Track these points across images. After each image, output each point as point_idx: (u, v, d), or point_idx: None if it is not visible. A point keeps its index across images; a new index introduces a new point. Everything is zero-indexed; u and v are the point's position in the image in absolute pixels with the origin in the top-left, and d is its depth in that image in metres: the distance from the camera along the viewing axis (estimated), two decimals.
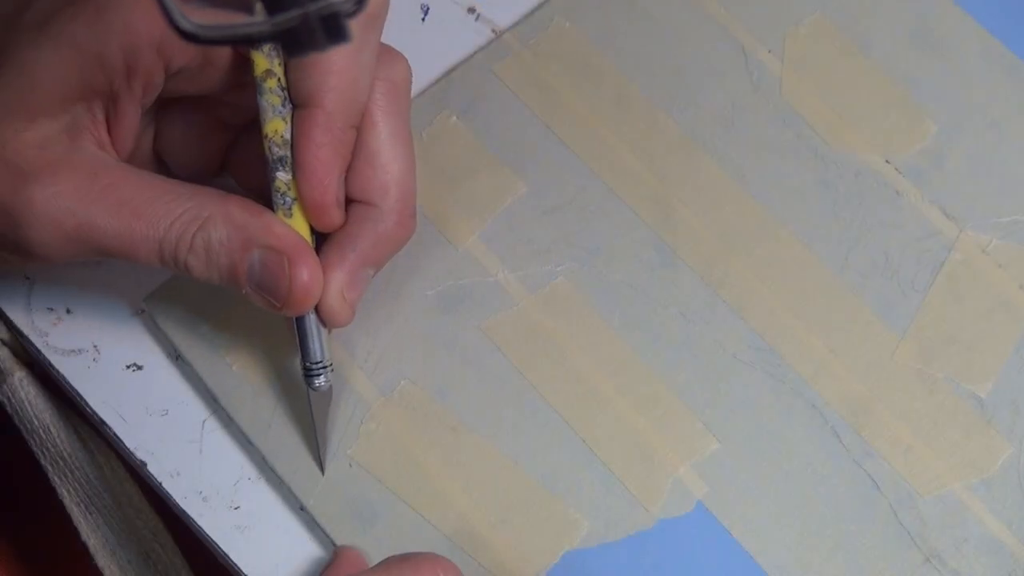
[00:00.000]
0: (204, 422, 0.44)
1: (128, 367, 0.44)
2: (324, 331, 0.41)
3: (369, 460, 0.43)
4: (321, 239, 0.41)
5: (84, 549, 0.45)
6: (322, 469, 0.43)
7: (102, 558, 0.45)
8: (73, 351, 0.44)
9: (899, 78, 0.50)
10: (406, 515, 0.43)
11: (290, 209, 0.39)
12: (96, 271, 0.46)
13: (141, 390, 0.44)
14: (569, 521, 0.43)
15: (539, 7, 0.50)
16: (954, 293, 0.46)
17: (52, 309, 0.45)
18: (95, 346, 0.45)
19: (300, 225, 0.40)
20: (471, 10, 0.51)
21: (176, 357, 0.45)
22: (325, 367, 0.41)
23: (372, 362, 0.44)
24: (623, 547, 0.43)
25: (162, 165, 0.43)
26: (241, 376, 0.44)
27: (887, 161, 0.48)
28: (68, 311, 0.45)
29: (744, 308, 0.46)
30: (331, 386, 0.42)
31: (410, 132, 0.41)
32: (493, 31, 0.50)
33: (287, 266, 0.39)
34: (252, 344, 0.44)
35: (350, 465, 0.43)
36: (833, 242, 0.47)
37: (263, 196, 0.40)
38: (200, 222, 0.38)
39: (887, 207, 0.48)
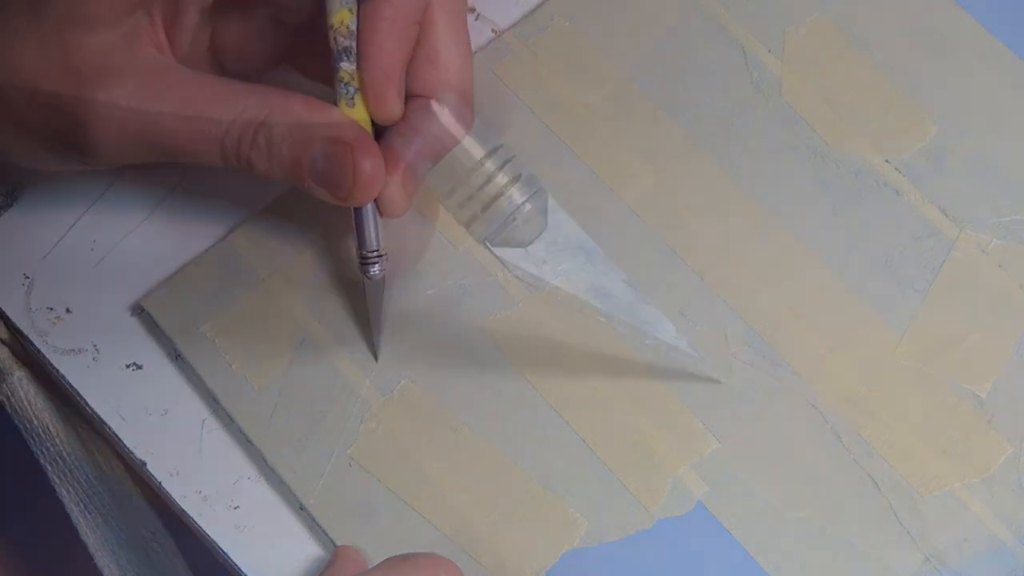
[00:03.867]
0: (204, 422, 0.44)
1: (127, 366, 0.44)
2: (380, 221, 0.42)
3: (369, 460, 0.43)
4: (380, 133, 0.42)
5: (84, 549, 0.45)
6: (376, 356, 0.44)
7: (102, 558, 0.45)
8: (72, 350, 0.44)
9: (899, 78, 0.50)
10: (406, 515, 0.43)
11: (352, 99, 0.40)
12: (96, 271, 0.45)
13: (140, 390, 0.44)
14: (569, 521, 0.43)
15: (539, 7, 0.50)
16: (954, 293, 0.46)
17: (52, 309, 0.45)
18: (94, 345, 0.45)
19: (362, 116, 0.41)
20: (471, 10, 0.51)
21: (176, 357, 0.45)
22: (380, 256, 0.42)
23: (373, 362, 0.44)
24: (623, 547, 0.43)
25: (217, 66, 0.44)
26: (241, 376, 0.44)
27: (887, 161, 0.48)
28: (68, 310, 0.45)
29: (744, 308, 0.46)
30: (385, 275, 0.43)
31: (467, 30, 0.43)
32: (493, 31, 0.50)
33: (351, 156, 0.39)
34: (252, 344, 0.44)
35: (350, 465, 0.43)
36: (833, 242, 0.47)
37: (325, 88, 0.41)
38: (262, 118, 0.39)
39: (887, 207, 0.48)
